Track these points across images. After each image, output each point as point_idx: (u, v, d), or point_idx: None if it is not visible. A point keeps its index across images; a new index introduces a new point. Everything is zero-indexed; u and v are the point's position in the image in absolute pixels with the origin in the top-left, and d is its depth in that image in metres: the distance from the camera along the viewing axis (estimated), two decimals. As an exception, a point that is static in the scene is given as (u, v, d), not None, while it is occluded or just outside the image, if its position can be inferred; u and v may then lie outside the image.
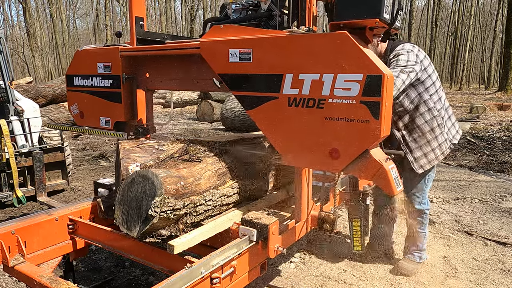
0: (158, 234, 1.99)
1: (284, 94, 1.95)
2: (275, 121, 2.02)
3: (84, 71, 2.83)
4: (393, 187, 1.86)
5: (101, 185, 2.72)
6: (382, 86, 1.70)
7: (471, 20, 31.50)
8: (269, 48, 1.98)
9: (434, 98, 2.84)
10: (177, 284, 1.66)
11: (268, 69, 1.99)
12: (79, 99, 2.92)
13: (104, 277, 3.16)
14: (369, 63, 1.72)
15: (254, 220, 2.07)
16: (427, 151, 2.88)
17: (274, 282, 3.07)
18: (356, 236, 2.48)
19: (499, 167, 6.71)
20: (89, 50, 2.80)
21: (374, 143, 1.80)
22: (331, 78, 1.81)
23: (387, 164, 1.86)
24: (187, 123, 12.39)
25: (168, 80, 2.60)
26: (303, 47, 1.88)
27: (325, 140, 1.89)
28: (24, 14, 29.01)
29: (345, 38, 1.76)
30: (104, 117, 2.79)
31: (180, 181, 1.99)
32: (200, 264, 1.77)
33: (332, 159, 1.89)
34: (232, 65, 2.10)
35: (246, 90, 2.08)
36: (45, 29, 37.61)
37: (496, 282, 3.11)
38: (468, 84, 37.46)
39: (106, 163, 7.33)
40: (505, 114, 13.31)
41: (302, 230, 2.44)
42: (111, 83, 2.68)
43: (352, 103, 1.78)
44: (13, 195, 4.71)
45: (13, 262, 2.09)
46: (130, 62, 2.65)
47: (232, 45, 2.08)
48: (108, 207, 2.40)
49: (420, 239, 3.19)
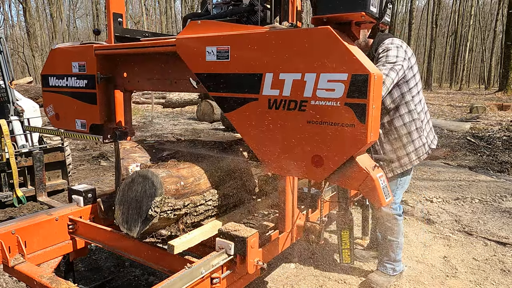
0: (158, 234, 1.99)
1: (264, 95, 1.80)
2: (255, 125, 1.86)
3: (59, 71, 2.68)
4: (381, 197, 1.71)
5: (76, 191, 2.59)
6: (369, 87, 1.56)
7: (471, 20, 31.52)
8: (247, 45, 1.82)
9: (416, 100, 2.68)
10: (177, 284, 1.66)
11: (247, 68, 1.84)
12: (55, 100, 2.78)
13: (104, 277, 3.16)
14: (354, 61, 1.58)
15: (231, 232, 1.92)
16: (401, 155, 2.71)
17: (274, 282, 3.06)
18: (345, 248, 2.34)
19: (499, 167, 6.71)
20: (64, 48, 2.65)
21: (360, 149, 1.65)
22: (313, 78, 1.67)
23: (375, 172, 1.71)
24: (187, 123, 12.39)
25: (145, 80, 2.46)
26: (283, 44, 1.73)
27: (307, 146, 1.74)
28: (24, 14, 29.01)
29: (328, 34, 1.62)
30: (79, 119, 2.64)
31: (180, 181, 1.99)
32: (200, 264, 1.77)
33: (315, 166, 1.74)
34: (209, 64, 1.94)
35: (224, 91, 1.93)
36: (45, 29, 37.61)
37: (496, 282, 3.11)
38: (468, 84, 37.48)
39: (106, 163, 7.33)
40: (505, 114, 13.31)
41: (286, 242, 2.30)
42: (86, 84, 2.53)
43: (336, 105, 1.63)
44: (13, 195, 4.71)
45: (13, 262, 2.08)
46: (106, 61, 2.50)
47: (209, 42, 1.92)
48: (108, 207, 2.40)
49: (392, 248, 2.91)
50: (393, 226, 2.85)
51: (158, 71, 2.38)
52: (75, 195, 2.59)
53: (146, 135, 10.11)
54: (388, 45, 2.56)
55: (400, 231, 2.88)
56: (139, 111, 14.82)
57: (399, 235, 2.88)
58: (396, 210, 2.83)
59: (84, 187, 2.62)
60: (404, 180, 2.83)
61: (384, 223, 2.87)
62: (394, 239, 2.87)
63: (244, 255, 1.90)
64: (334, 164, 1.70)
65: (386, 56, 2.51)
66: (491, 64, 33.97)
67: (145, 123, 12.03)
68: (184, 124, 12.14)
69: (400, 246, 2.93)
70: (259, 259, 1.98)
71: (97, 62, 2.45)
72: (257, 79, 1.81)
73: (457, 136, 9.45)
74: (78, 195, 2.57)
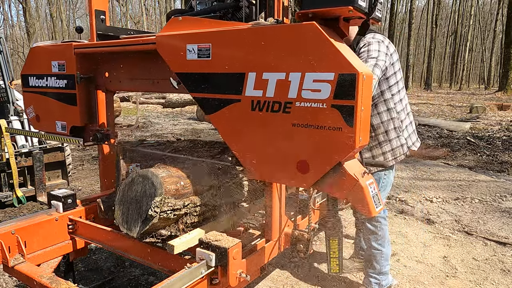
0: (158, 234, 1.99)
1: (247, 96, 1.70)
2: (237, 128, 1.76)
3: (39, 70, 2.57)
4: (370, 206, 1.59)
5: (55, 197, 2.46)
6: (357, 87, 1.45)
7: (471, 20, 31.53)
8: (229, 43, 1.73)
9: (396, 99, 2.54)
10: (177, 284, 1.66)
11: (229, 67, 1.73)
12: (35, 101, 2.66)
13: (104, 277, 3.16)
14: (341, 60, 1.47)
15: (212, 242, 1.81)
16: (377, 154, 2.57)
17: (274, 282, 3.06)
18: (334, 257, 2.21)
19: (499, 167, 6.71)
20: (43, 47, 2.54)
21: (348, 154, 1.54)
22: (298, 78, 1.56)
23: (364, 179, 1.59)
24: (187, 123, 12.39)
25: (127, 80, 2.34)
26: (266, 41, 1.63)
27: (292, 150, 1.63)
28: (24, 14, 29.01)
29: (314, 30, 1.51)
30: (60, 121, 2.52)
31: (180, 181, 1.99)
32: (200, 264, 1.77)
33: (301, 173, 1.63)
34: (190, 62, 1.83)
35: (205, 92, 1.82)
36: (45, 29, 37.61)
37: (496, 282, 3.11)
38: (468, 84, 37.50)
39: (106, 163, 7.33)
40: (505, 114, 13.31)
41: (273, 251, 2.17)
42: (65, 84, 2.41)
43: (323, 107, 1.53)
44: (13, 195, 4.71)
45: (13, 262, 2.09)
46: (86, 61, 2.39)
47: (190, 40, 1.82)
48: (108, 207, 2.40)
49: (376, 259, 2.69)
50: (377, 230, 2.67)
51: (139, 70, 2.28)
52: (54, 201, 2.45)
53: (146, 135, 10.11)
54: (369, 39, 2.42)
55: (385, 238, 2.70)
56: (139, 111, 14.80)
57: (384, 243, 2.69)
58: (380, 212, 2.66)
59: (64, 192, 2.48)
60: (386, 181, 2.68)
61: (366, 226, 2.70)
62: (378, 248, 2.68)
63: (225, 266, 1.79)
64: (321, 171, 1.60)
65: (367, 50, 2.37)
66: (491, 64, 33.99)
67: (145, 123, 12.03)
68: (184, 124, 12.14)
69: (386, 257, 2.71)
70: (242, 270, 1.86)
71: (76, 61, 2.35)
72: (240, 79, 1.71)
73: (457, 136, 9.46)
74: (57, 201, 2.44)
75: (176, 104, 16.44)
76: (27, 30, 29.37)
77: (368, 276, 2.79)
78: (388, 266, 2.77)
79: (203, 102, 1.85)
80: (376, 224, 2.67)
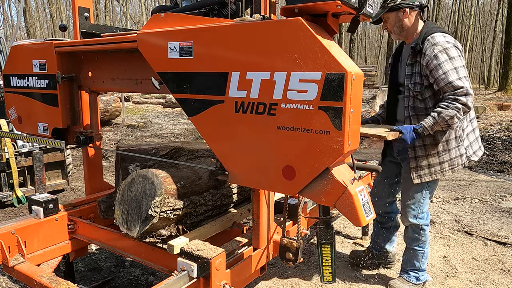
0: (158, 234, 1.99)
1: (231, 97, 1.61)
2: (221, 131, 1.68)
3: (20, 70, 2.48)
4: (360, 215, 1.47)
5: (35, 201, 2.36)
6: (345, 88, 1.36)
7: (471, 20, 31.49)
8: (212, 40, 1.64)
9: None
10: (177, 284, 1.66)
11: (212, 66, 1.65)
12: (17, 102, 2.57)
13: (104, 277, 3.16)
14: (329, 58, 1.38)
15: (194, 252, 1.73)
16: (434, 163, 2.52)
17: (274, 282, 3.06)
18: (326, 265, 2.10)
19: (499, 167, 6.71)
20: (24, 45, 2.44)
21: (336, 160, 1.44)
22: (283, 78, 1.47)
23: (354, 186, 1.48)
24: (187, 123, 12.39)
25: (110, 80, 2.25)
26: (250, 38, 1.54)
27: (277, 155, 1.55)
28: (24, 14, 29.01)
29: (299, 26, 1.41)
30: (41, 122, 2.43)
31: (180, 181, 1.99)
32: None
33: (287, 179, 1.54)
34: (172, 61, 1.75)
35: (188, 92, 1.74)
36: (45, 29, 37.61)
37: (496, 282, 3.11)
38: (468, 84, 37.41)
39: (106, 163, 7.32)
40: (505, 114, 13.31)
41: (261, 260, 2.08)
42: (47, 84, 2.32)
43: (309, 108, 1.43)
44: (13, 195, 4.71)
45: (13, 262, 2.09)
46: (68, 60, 2.31)
47: (171, 37, 1.74)
48: (108, 207, 2.40)
49: (417, 258, 2.82)
50: (420, 237, 2.74)
51: (122, 70, 2.19)
52: (35, 206, 2.34)
53: (146, 135, 10.11)
54: (444, 44, 2.36)
55: (427, 240, 2.78)
56: (139, 111, 14.81)
57: (425, 245, 2.78)
58: (423, 219, 2.71)
59: (45, 196, 2.39)
60: (432, 188, 2.69)
61: (410, 234, 2.78)
62: (420, 249, 2.78)
63: (208, 278, 1.72)
64: (308, 177, 1.50)
65: (450, 59, 2.32)
66: (491, 64, 33.99)
67: (145, 123, 12.03)
68: (184, 124, 12.14)
69: (426, 256, 2.83)
70: (226, 282, 1.78)
71: (57, 60, 2.26)
72: (223, 79, 1.62)
73: (457, 136, 9.44)
74: (38, 206, 2.34)
75: (176, 104, 16.39)
76: (27, 30, 29.37)
77: (407, 270, 2.89)
78: (426, 263, 2.87)
79: (185, 103, 1.77)
80: (420, 232, 2.74)
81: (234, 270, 1.88)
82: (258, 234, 2.06)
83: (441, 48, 2.36)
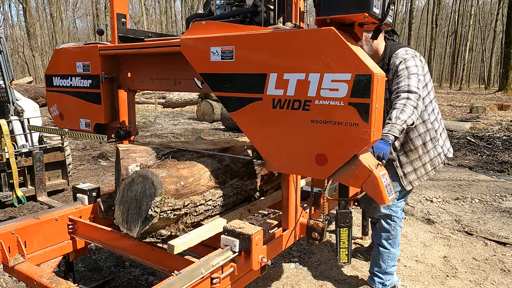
0: (158, 234, 1.99)
1: (268, 95, 1.82)
2: (259, 124, 1.89)
3: (63, 71, 2.69)
4: (384, 195, 1.71)
5: (80, 190, 2.60)
6: (372, 87, 1.58)
7: (471, 20, 31.49)
8: (252, 45, 1.85)
9: (429, 110, 2.62)
10: (177, 284, 1.66)
11: (251, 68, 1.85)
12: (59, 100, 2.78)
13: (104, 277, 3.16)
14: (358, 61, 1.60)
15: (236, 229, 1.93)
16: (417, 166, 2.66)
17: (274, 282, 3.07)
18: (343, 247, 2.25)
19: (499, 167, 6.71)
20: (68, 48, 2.66)
21: (364, 148, 1.67)
22: (317, 78, 1.69)
23: (378, 170, 1.72)
24: (187, 123, 12.39)
25: (149, 80, 2.47)
26: (287, 44, 1.75)
27: (311, 144, 1.76)
28: (24, 14, 29.01)
29: (332, 35, 1.64)
30: (83, 119, 2.64)
31: (180, 181, 1.99)
32: (200, 264, 1.77)
33: (319, 165, 1.76)
34: (213, 64, 1.96)
35: (228, 91, 1.94)
36: (45, 29, 37.61)
37: (496, 282, 3.11)
38: (468, 84, 37.49)
39: (106, 163, 7.33)
40: (505, 114, 13.31)
41: (289, 239, 2.32)
42: (90, 83, 2.54)
43: (340, 104, 1.65)
44: (13, 195, 4.71)
45: (13, 262, 2.08)
46: (110, 61, 2.51)
47: (214, 43, 1.94)
48: (108, 207, 2.40)
49: (383, 257, 2.76)
50: (390, 229, 2.73)
51: (162, 71, 2.39)
52: (80, 194, 2.59)
53: (146, 135, 10.11)
54: (403, 55, 2.52)
55: (397, 239, 2.76)
56: (139, 111, 14.82)
57: (394, 244, 2.76)
58: (395, 212, 2.73)
59: (89, 186, 2.62)
60: None
61: (380, 226, 2.77)
62: (387, 247, 2.75)
63: (249, 252, 1.92)
64: (338, 163, 1.72)
65: (406, 68, 2.46)
66: (491, 64, 34.00)
67: (145, 123, 12.03)
68: (184, 124, 12.14)
69: (393, 257, 2.78)
70: (264, 256, 1.99)
71: (101, 62, 2.46)
72: (262, 79, 1.83)
73: (457, 136, 9.46)
74: (82, 194, 2.58)
75: (176, 104, 16.45)
76: (27, 30, 29.38)
77: (372, 275, 2.85)
78: (394, 267, 2.83)
79: (225, 100, 1.97)
80: (391, 223, 2.74)
81: (269, 246, 2.13)
82: (287, 217, 2.30)
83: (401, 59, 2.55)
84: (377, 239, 2.81)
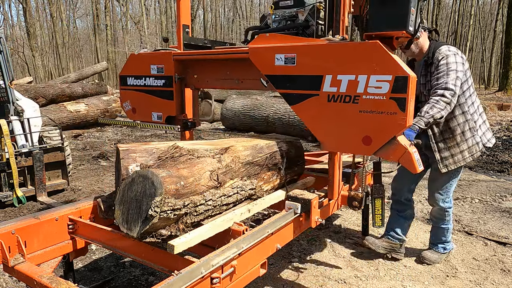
0: (158, 234, 1.99)
1: (324, 91, 2.30)
2: (316, 114, 2.37)
3: (137, 72, 3.19)
4: (416, 166, 2.21)
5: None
6: (408, 85, 2.05)
7: (471, 20, 31.47)
8: (311, 53, 2.33)
9: (469, 102, 2.96)
10: (177, 284, 1.65)
11: (310, 71, 2.34)
12: (132, 97, 3.28)
13: (104, 277, 3.16)
14: (397, 66, 2.07)
15: (298, 195, 2.47)
16: (455, 152, 3.00)
17: (274, 282, 3.07)
18: (378, 214, 2.74)
19: (499, 167, 6.71)
20: (144, 53, 3.16)
21: (401, 131, 2.15)
22: (365, 79, 2.16)
23: (411, 148, 2.21)
24: (187, 123, 12.38)
25: (214, 80, 2.98)
26: (342, 53, 2.23)
27: (359, 129, 2.23)
28: (24, 14, 28.98)
29: (378, 47, 2.12)
30: (156, 112, 3.15)
31: (180, 181, 1.99)
32: (200, 264, 1.77)
33: (365, 144, 2.24)
34: (278, 67, 2.46)
35: (290, 89, 2.44)
36: (45, 29, 37.58)
37: (496, 282, 3.11)
38: (468, 84, 37.32)
39: (106, 163, 7.33)
40: (505, 114, 13.31)
41: (334, 207, 2.82)
42: (163, 83, 3.04)
43: (383, 99, 2.12)
44: (13, 195, 4.71)
45: (13, 262, 2.08)
46: (180, 64, 3.02)
47: (278, 51, 2.44)
48: (108, 207, 2.40)
49: (444, 233, 3.36)
50: (445, 217, 3.29)
51: (226, 72, 2.90)
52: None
53: (146, 135, 10.11)
54: (446, 52, 2.88)
55: (450, 220, 3.35)
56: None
57: (449, 223, 3.34)
58: (449, 203, 3.25)
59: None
60: (456, 176, 3.17)
61: (437, 215, 3.33)
62: (445, 226, 3.34)
63: (308, 213, 2.47)
64: (381, 142, 2.20)
65: (446, 63, 2.84)
66: (491, 64, 33.97)
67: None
68: (184, 124, 12.12)
69: (450, 230, 3.39)
70: (319, 216, 2.53)
71: (174, 65, 2.96)
72: (319, 79, 2.32)
73: (457, 136, 9.44)
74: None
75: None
76: (27, 30, 29.35)
77: (435, 243, 3.42)
78: (450, 236, 3.43)
79: (288, 96, 2.48)
80: (445, 214, 3.29)
81: (322, 210, 2.62)
82: (332, 189, 2.77)
83: None
84: (436, 223, 3.39)
